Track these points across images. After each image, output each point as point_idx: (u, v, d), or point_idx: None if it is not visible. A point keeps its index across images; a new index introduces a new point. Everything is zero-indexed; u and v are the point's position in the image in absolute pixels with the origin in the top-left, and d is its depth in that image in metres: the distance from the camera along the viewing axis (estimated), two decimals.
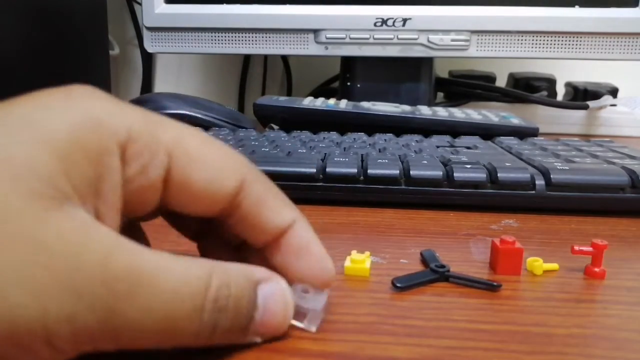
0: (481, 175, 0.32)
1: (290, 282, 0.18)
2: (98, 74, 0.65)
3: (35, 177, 0.13)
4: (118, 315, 0.13)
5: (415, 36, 0.55)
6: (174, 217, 0.20)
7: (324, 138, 0.44)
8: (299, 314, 0.18)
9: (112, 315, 0.13)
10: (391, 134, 0.46)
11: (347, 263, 0.23)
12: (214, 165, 0.17)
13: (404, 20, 0.55)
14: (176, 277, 0.14)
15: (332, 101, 0.54)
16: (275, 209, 0.18)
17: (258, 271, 0.17)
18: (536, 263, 0.24)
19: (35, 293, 0.12)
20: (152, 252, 0.15)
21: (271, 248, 0.19)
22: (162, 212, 0.19)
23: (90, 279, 0.13)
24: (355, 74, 0.61)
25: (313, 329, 0.18)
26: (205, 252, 0.21)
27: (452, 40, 0.55)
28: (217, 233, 0.20)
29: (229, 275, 0.16)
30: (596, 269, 0.23)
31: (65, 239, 0.13)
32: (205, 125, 0.51)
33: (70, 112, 0.15)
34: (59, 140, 0.14)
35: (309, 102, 0.52)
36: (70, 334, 0.13)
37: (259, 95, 0.80)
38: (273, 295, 0.17)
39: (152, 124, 0.16)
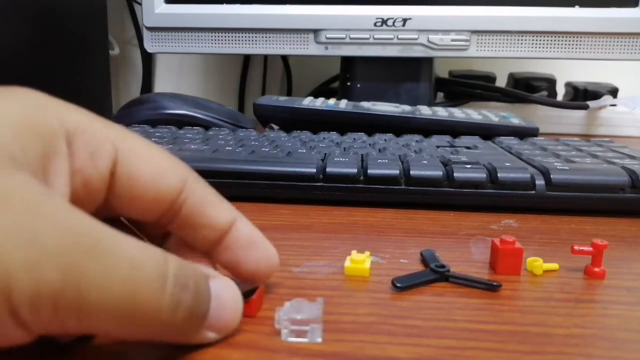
0: (481, 175, 0.32)
1: (241, 276, 0.19)
2: (98, 74, 0.65)
3: None
4: (81, 271, 0.12)
5: (415, 36, 0.55)
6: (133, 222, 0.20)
7: (324, 138, 0.44)
8: (300, 331, 0.18)
9: (76, 272, 0.12)
10: (391, 134, 0.46)
11: (347, 263, 0.23)
12: (159, 162, 0.18)
13: (404, 20, 0.55)
14: (137, 247, 0.14)
15: (332, 101, 0.54)
16: (218, 207, 0.19)
17: (206, 269, 0.18)
18: (536, 263, 0.24)
19: None
20: (107, 226, 0.14)
21: (217, 248, 0.19)
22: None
23: (52, 229, 0.12)
24: (355, 74, 0.61)
25: (318, 339, 0.18)
26: None
27: (452, 40, 0.55)
28: (177, 239, 0.20)
29: (182, 262, 0.15)
30: (596, 269, 0.23)
31: (23, 193, 0.13)
32: (205, 125, 0.51)
33: (21, 100, 0.16)
34: (12, 117, 0.15)
35: (309, 102, 0.52)
36: (32, 287, 0.12)
37: (259, 95, 0.80)
38: (223, 288, 0.17)
39: (98, 120, 0.17)
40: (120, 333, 0.14)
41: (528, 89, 0.67)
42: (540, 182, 0.32)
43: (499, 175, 0.32)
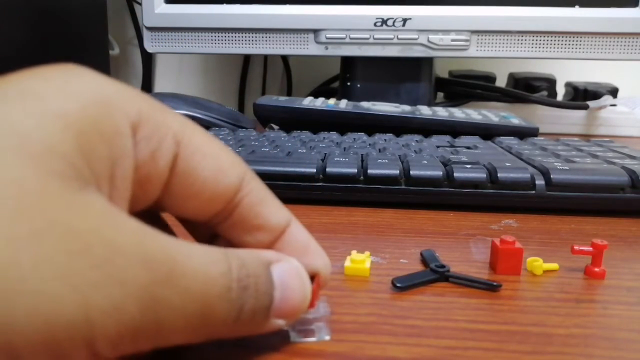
0: (481, 175, 0.32)
1: None
2: None
3: (53, 156, 0.12)
4: (160, 302, 0.12)
5: (415, 36, 0.55)
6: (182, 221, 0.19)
7: (324, 138, 0.44)
8: (306, 330, 0.18)
9: (155, 304, 0.12)
10: (391, 134, 0.46)
11: (347, 263, 0.23)
12: (219, 157, 0.16)
13: (404, 20, 0.55)
14: (204, 259, 0.14)
15: (332, 101, 0.54)
16: (273, 207, 0.17)
17: (268, 253, 0.16)
18: (536, 263, 0.24)
19: (75, 284, 0.11)
20: (173, 237, 0.14)
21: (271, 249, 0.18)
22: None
23: (131, 264, 0.12)
24: (355, 74, 0.61)
25: (327, 337, 0.18)
26: None
27: (452, 40, 0.55)
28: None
29: (241, 257, 0.15)
30: (596, 269, 0.23)
31: (96, 223, 0.12)
32: (205, 125, 0.51)
33: (79, 88, 0.13)
34: (72, 116, 0.13)
35: (309, 102, 0.52)
36: (115, 330, 0.12)
37: (259, 95, 0.80)
38: (288, 272, 0.16)
39: (160, 109, 0.16)
40: (188, 341, 0.14)
41: (528, 89, 0.67)
42: (540, 182, 0.32)
43: (499, 175, 0.32)
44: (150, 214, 0.18)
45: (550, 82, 0.68)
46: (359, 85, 0.61)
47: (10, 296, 0.10)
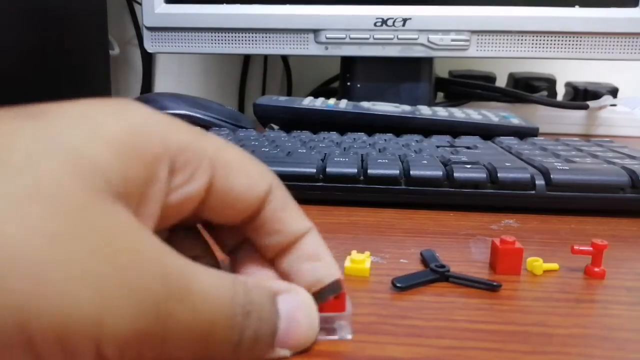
0: (481, 175, 0.32)
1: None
2: (98, 74, 0.65)
3: (96, 172, 0.13)
4: (170, 316, 0.13)
5: (415, 36, 0.55)
6: (210, 229, 0.20)
7: (324, 138, 0.44)
8: (328, 328, 0.18)
9: (165, 317, 0.13)
10: (391, 134, 0.46)
11: (347, 263, 0.23)
12: (250, 172, 0.18)
13: (404, 20, 0.55)
14: (214, 282, 0.15)
15: (332, 101, 0.54)
16: (295, 215, 0.19)
17: (276, 284, 0.17)
18: (536, 263, 0.24)
19: (96, 288, 0.12)
20: (189, 259, 0.15)
21: (283, 256, 0.19)
22: (191, 222, 0.19)
23: (149, 276, 0.13)
24: (355, 74, 0.61)
25: (349, 336, 0.18)
26: (237, 266, 0.20)
27: (452, 40, 0.55)
28: (250, 247, 0.20)
29: (248, 284, 0.16)
30: (596, 269, 0.23)
31: (125, 234, 0.13)
32: (205, 125, 0.51)
33: (126, 118, 0.15)
34: (118, 140, 0.14)
35: (309, 102, 0.52)
36: (123, 336, 0.12)
37: (259, 95, 0.80)
38: (294, 304, 0.17)
39: (198, 136, 0.17)
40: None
41: (528, 89, 0.67)
42: (540, 182, 0.32)
43: (499, 175, 0.32)
44: (188, 223, 0.19)
45: (550, 82, 0.68)
46: (359, 85, 0.61)
47: (37, 290, 0.11)
